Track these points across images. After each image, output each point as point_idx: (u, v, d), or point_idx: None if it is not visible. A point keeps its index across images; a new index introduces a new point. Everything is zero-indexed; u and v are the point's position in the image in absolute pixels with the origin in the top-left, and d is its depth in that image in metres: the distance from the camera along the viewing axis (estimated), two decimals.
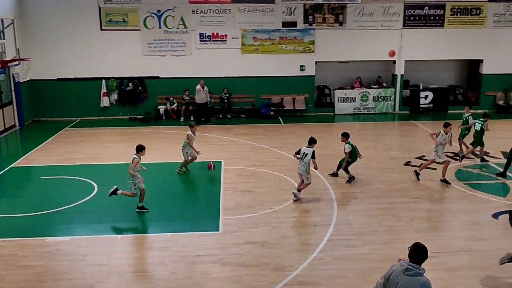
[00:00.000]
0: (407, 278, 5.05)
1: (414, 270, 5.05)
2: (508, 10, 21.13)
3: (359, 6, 20.68)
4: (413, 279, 5.02)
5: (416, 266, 5.08)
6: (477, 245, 9.11)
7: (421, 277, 5.04)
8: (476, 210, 10.73)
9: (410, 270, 5.06)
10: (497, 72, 21.54)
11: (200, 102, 19.48)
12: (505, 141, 16.53)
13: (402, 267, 5.15)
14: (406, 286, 5.04)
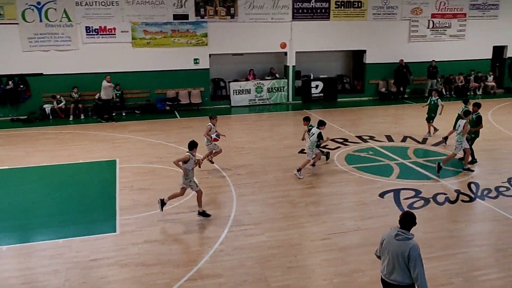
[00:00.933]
0: (397, 243, 5.62)
1: (403, 235, 5.62)
2: (386, 4, 22.71)
3: None
4: (403, 243, 5.58)
5: (405, 232, 5.64)
6: (365, 223, 9.74)
7: (410, 241, 5.59)
8: (364, 191, 11.47)
9: (399, 235, 5.63)
10: (378, 62, 23.12)
11: (107, 99, 18.67)
12: (387, 126, 17.89)
13: (392, 233, 5.72)
14: (397, 249, 5.60)
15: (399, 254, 5.58)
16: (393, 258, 5.65)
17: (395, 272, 5.68)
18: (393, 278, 5.72)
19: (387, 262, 5.76)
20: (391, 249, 5.68)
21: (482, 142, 15.54)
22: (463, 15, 23.96)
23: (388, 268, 5.75)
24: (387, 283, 5.83)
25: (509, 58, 25.26)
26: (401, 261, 5.57)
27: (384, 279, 5.87)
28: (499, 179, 12.21)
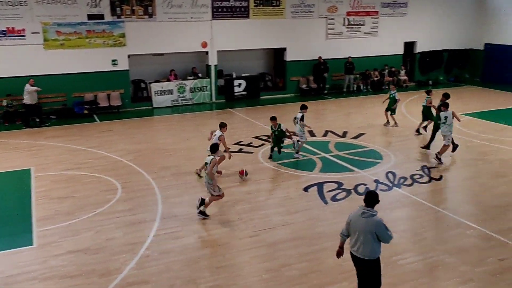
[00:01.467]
0: (364, 220, 6.25)
1: (368, 213, 6.26)
2: (303, 2, 23.26)
3: None
4: (369, 220, 6.23)
5: (370, 209, 6.28)
6: (292, 218, 9.92)
7: (375, 217, 6.24)
8: (289, 186, 11.68)
9: (365, 213, 6.27)
10: (298, 59, 23.65)
11: (31, 103, 17.55)
12: (308, 121, 18.31)
13: (358, 212, 6.35)
14: (364, 226, 6.23)
15: (367, 231, 6.22)
16: (362, 235, 6.26)
17: (365, 248, 6.29)
18: (363, 253, 6.33)
19: (355, 239, 6.37)
20: (359, 228, 6.29)
21: (398, 132, 16.42)
22: (376, 13, 25.11)
23: (358, 244, 6.34)
24: (358, 258, 6.41)
25: (419, 53, 26.82)
26: (370, 237, 6.22)
27: (355, 254, 6.44)
28: (413, 167, 12.94)
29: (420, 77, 26.88)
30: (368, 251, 6.28)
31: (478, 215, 10.00)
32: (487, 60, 27.09)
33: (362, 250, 6.30)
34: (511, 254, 8.37)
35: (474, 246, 8.68)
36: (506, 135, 15.97)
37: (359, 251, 6.33)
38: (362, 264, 6.40)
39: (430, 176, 12.29)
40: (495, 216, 9.92)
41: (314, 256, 8.40)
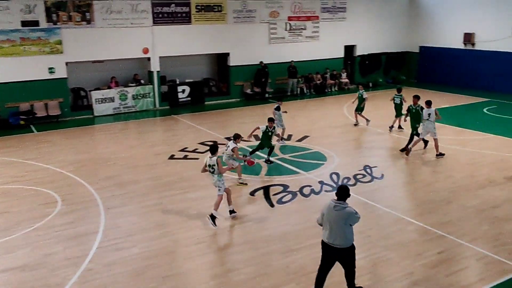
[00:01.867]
0: (336, 213, 6.69)
1: (340, 206, 6.71)
2: (245, 8, 23.40)
3: (106, 3, 20.13)
4: (341, 212, 6.68)
5: (341, 203, 6.73)
6: (238, 222, 9.89)
7: (347, 209, 6.71)
8: (236, 191, 11.64)
9: (337, 206, 6.71)
10: (242, 64, 23.74)
11: None
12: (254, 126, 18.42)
13: (331, 205, 6.76)
14: (337, 218, 6.67)
15: (340, 222, 6.68)
16: (335, 227, 6.70)
17: (338, 238, 6.74)
18: (337, 243, 6.76)
19: (329, 231, 6.79)
20: (332, 219, 6.73)
21: (341, 134, 16.80)
22: (316, 18, 25.65)
23: (331, 235, 6.78)
24: (331, 247, 6.82)
25: (359, 56, 27.64)
26: (343, 226, 6.69)
27: (328, 244, 6.85)
28: (356, 167, 13.27)
29: (361, 80, 27.63)
30: (344, 240, 6.74)
31: (416, 211, 10.39)
32: (422, 62, 28.34)
33: (338, 240, 6.74)
34: (448, 247, 8.74)
35: (413, 241, 9.00)
36: (441, 133, 16.63)
37: (336, 242, 6.75)
38: (338, 252, 6.83)
39: (372, 175, 12.65)
40: (432, 210, 10.35)
41: (262, 259, 8.41)
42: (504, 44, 23.39)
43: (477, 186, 11.69)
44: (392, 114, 17.10)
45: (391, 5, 27.89)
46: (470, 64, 25.42)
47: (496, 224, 9.64)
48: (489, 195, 11.12)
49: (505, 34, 22.15)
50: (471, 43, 25.48)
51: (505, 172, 12.60)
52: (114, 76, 21.21)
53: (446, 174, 12.60)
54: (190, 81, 22.85)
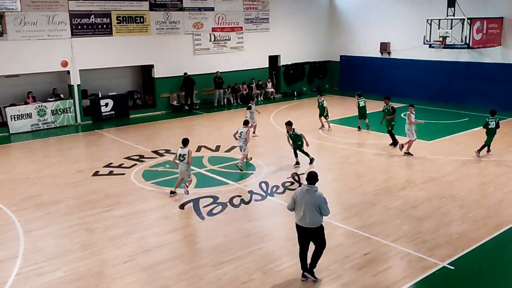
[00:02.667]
0: (308, 195, 7.62)
1: (311, 189, 7.65)
2: (168, 19, 23.17)
3: (19, 14, 19.12)
4: (313, 195, 7.61)
5: (312, 187, 7.67)
6: (168, 238, 9.69)
7: (317, 192, 7.64)
8: (164, 205, 11.43)
9: (309, 190, 7.64)
10: (167, 75, 23.45)
11: None
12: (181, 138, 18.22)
13: (303, 189, 7.70)
14: (309, 201, 7.58)
15: (311, 204, 7.55)
16: (307, 208, 7.57)
17: (310, 219, 7.60)
18: (308, 223, 7.65)
19: (303, 213, 7.64)
20: (304, 201, 7.59)
21: (268, 143, 17.02)
22: (240, 29, 25.93)
23: (304, 217, 7.64)
24: (304, 228, 7.74)
25: (283, 66, 28.25)
26: (313, 208, 7.57)
27: (301, 225, 7.76)
28: (284, 175, 13.49)
29: (286, 89, 28.30)
30: (315, 220, 7.63)
31: (343, 214, 10.71)
32: (343, 71, 29.50)
33: (309, 221, 7.62)
34: (374, 247, 9.08)
35: (341, 244, 9.26)
36: (364, 139, 17.44)
37: (307, 222, 7.64)
38: (310, 232, 7.74)
39: (300, 182, 12.90)
40: (357, 213, 10.73)
41: (193, 273, 8.28)
42: (417, 53, 24.87)
43: (398, 188, 12.27)
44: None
45: (312, 16, 28.81)
46: (387, 72, 26.79)
47: (416, 223, 10.16)
48: (409, 196, 11.71)
49: (417, 43, 23.55)
50: (387, 52, 26.89)
51: (422, 173, 13.34)
52: (31, 91, 20.13)
53: (369, 177, 13.13)
54: (114, 94, 22.21)
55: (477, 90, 23.12)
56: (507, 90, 22.33)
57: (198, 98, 24.38)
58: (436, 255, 8.73)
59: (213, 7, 24.61)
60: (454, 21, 21.16)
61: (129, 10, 21.91)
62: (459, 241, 9.29)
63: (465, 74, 23.73)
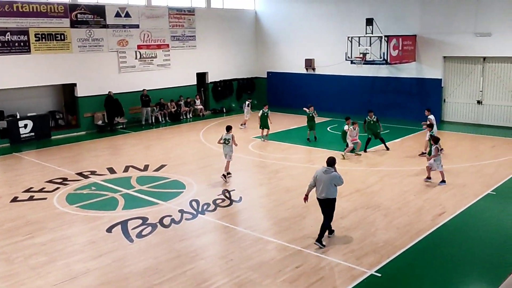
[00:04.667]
0: (326, 176, 9.65)
1: (329, 170, 9.69)
2: (91, 36, 22.51)
3: None
4: (330, 175, 9.64)
5: (329, 168, 9.72)
6: (95, 263, 9.27)
7: (333, 173, 9.70)
8: (90, 229, 10.95)
9: (327, 171, 9.68)
10: (91, 94, 22.69)
11: None
12: (108, 158, 17.68)
13: (322, 170, 9.72)
14: (327, 180, 9.64)
15: (328, 181, 9.62)
16: (325, 184, 9.63)
17: (327, 192, 9.68)
18: (325, 195, 9.69)
19: (321, 188, 9.68)
20: (323, 180, 9.66)
21: (198, 160, 16.88)
22: (167, 46, 25.71)
23: (322, 191, 9.69)
24: (323, 200, 9.77)
25: (211, 83, 28.30)
26: (330, 185, 9.64)
27: (320, 198, 9.79)
28: (215, 192, 13.42)
29: (215, 105, 28.32)
30: (329, 193, 9.69)
31: (274, 229, 10.82)
32: (270, 87, 30.06)
33: (325, 194, 9.66)
34: (305, 260, 9.22)
35: (273, 259, 9.32)
36: (291, 153, 17.78)
37: (323, 195, 9.68)
38: (326, 202, 9.76)
39: (231, 199, 12.89)
40: (288, 227, 10.87)
41: None
42: (339, 69, 25.90)
43: None
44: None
45: (238, 34, 29.20)
46: (313, 87, 27.63)
47: (345, 233, 10.46)
48: (337, 207, 11.96)
49: (340, 59, 24.52)
50: (312, 68, 27.77)
51: (349, 185, 13.77)
52: None
53: (298, 191, 13.34)
54: (33, 114, 21.10)
55: (396, 103, 24.42)
56: (422, 102, 23.76)
57: (125, 117, 23.77)
58: (364, 264, 9.02)
59: (138, 24, 24.25)
60: (372, 38, 22.31)
61: (48, 27, 21.05)
62: (384, 248, 9.67)
63: (384, 88, 25.01)
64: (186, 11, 26.45)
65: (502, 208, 12.04)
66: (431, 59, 23.40)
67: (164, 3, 25.57)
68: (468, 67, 22.70)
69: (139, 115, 24.41)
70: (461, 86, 23.03)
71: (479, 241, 10.15)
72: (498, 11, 21.02)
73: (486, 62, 22.09)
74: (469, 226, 10.98)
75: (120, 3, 23.66)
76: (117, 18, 23.41)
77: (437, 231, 10.57)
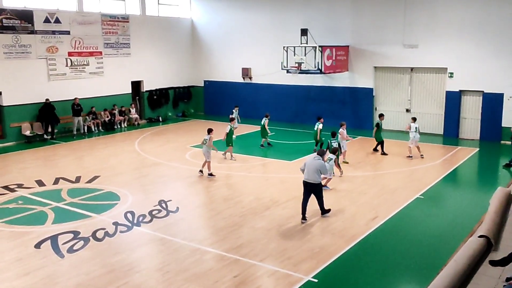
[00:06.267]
0: (314, 162, 11.43)
1: (318, 157, 11.58)
2: (17, 42, 21.43)
3: None
4: (317, 161, 11.45)
5: (318, 157, 11.56)
6: (24, 281, 8.77)
7: (319, 160, 11.53)
8: (17, 246, 10.34)
9: (316, 157, 11.56)
10: (19, 103, 21.57)
11: None
12: (37, 170, 16.84)
13: (312, 157, 11.63)
14: (314, 164, 11.38)
15: (315, 167, 11.38)
16: (311, 170, 11.37)
17: (312, 176, 11.39)
18: (311, 179, 11.41)
19: (307, 171, 11.42)
20: (311, 164, 11.41)
21: (133, 171, 16.45)
22: (100, 53, 24.95)
23: (308, 175, 11.41)
24: (307, 183, 11.49)
25: (147, 91, 27.75)
26: (316, 170, 11.37)
27: (305, 180, 11.50)
28: (151, 203, 13.11)
29: (151, 114, 27.79)
30: (314, 178, 11.42)
31: (211, 239, 10.72)
32: (207, 95, 29.95)
33: (311, 178, 11.39)
34: (243, 269, 9.19)
35: (211, 269, 9.22)
36: (229, 162, 17.74)
37: (309, 179, 11.41)
38: (311, 186, 11.47)
39: (168, 209, 12.65)
40: (226, 236, 10.80)
41: None
42: (276, 78, 26.26)
43: (263, 208, 12.66)
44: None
45: (174, 42, 28.89)
46: (250, 96, 27.80)
47: (282, 241, 10.54)
48: (274, 215, 12.14)
49: (276, 68, 24.87)
50: (248, 77, 27.96)
51: (286, 192, 13.95)
52: None
53: (235, 200, 13.35)
54: None
55: (330, 112, 25.04)
56: (355, 111, 24.60)
57: (57, 127, 22.74)
58: (301, 270, 9.12)
59: (68, 30, 23.36)
60: (307, 48, 22.81)
61: None
62: (320, 254, 9.84)
63: (319, 97, 25.63)
64: (120, 18, 25.84)
65: (430, 211, 12.65)
66: (363, 69, 24.29)
67: (96, 9, 24.84)
68: (397, 77, 23.76)
69: (70, 125, 23.45)
70: (391, 95, 24.05)
71: (409, 243, 10.59)
72: (424, 24, 22.20)
73: (413, 72, 23.23)
74: (400, 229, 11.43)
75: (49, 9, 22.73)
76: (46, 23, 22.44)
77: (371, 235, 10.91)
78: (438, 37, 21.90)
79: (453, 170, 16.64)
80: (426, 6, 22.04)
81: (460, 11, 21.27)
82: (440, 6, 21.72)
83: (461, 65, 21.57)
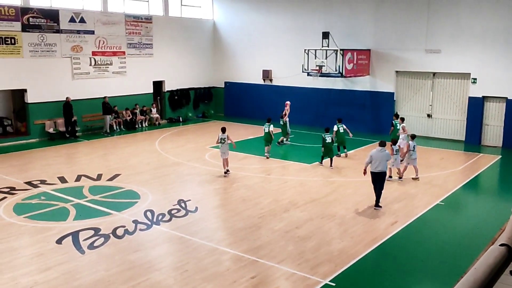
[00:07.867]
0: (381, 154, 12.60)
1: (382, 149, 12.63)
2: (43, 41, 21.86)
3: None
4: (383, 153, 12.61)
5: (382, 148, 12.62)
6: (43, 276, 8.93)
7: (386, 151, 12.67)
8: (39, 241, 10.54)
9: (381, 150, 12.63)
10: (43, 101, 22.00)
11: None
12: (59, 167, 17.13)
13: (377, 149, 12.64)
14: (381, 156, 12.56)
15: (383, 159, 12.55)
16: (379, 161, 12.49)
17: (381, 167, 12.53)
18: (380, 169, 12.55)
19: (377, 164, 12.50)
20: (379, 156, 12.52)
21: (154, 170, 16.62)
22: (123, 53, 25.29)
23: (378, 166, 12.50)
24: (377, 173, 12.63)
25: (168, 91, 28.02)
26: (384, 161, 12.58)
27: (376, 172, 12.60)
28: (170, 202, 13.23)
29: (171, 114, 28.05)
30: (384, 168, 12.65)
31: (230, 239, 10.77)
32: (227, 97, 30.08)
33: (381, 168, 12.55)
34: (260, 270, 9.22)
35: (228, 269, 9.27)
36: (248, 163, 17.81)
37: (378, 169, 12.53)
38: (380, 175, 12.65)
39: (187, 209, 12.75)
40: (244, 237, 10.84)
41: None
42: (296, 80, 26.25)
43: (282, 210, 12.67)
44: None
45: (196, 43, 29.12)
46: (270, 98, 27.82)
47: (300, 243, 10.54)
48: (292, 217, 12.14)
49: (296, 71, 24.88)
50: (269, 79, 28.01)
51: (304, 195, 13.94)
52: None
53: (254, 201, 13.39)
54: None
55: (350, 116, 24.88)
56: (375, 115, 24.43)
57: (79, 125, 23.13)
58: (319, 273, 9.11)
59: (93, 30, 23.76)
60: (328, 51, 22.76)
61: None
62: (339, 257, 9.81)
63: (339, 100, 25.52)
64: (144, 18, 26.16)
65: (450, 218, 12.50)
66: (384, 73, 24.13)
67: (120, 10, 25.20)
68: (419, 82, 23.54)
69: (92, 123, 23.80)
70: (412, 100, 23.83)
71: (429, 249, 10.48)
72: (447, 30, 21.95)
73: (435, 77, 22.98)
74: (420, 235, 11.32)
75: (74, 8, 23.14)
76: (71, 23, 22.86)
77: (390, 240, 10.83)
78: (461, 43, 21.64)
79: (474, 177, 16.41)
80: (450, 12, 21.78)
81: (484, 18, 20.97)
82: (464, 12, 21.45)
83: (484, 71, 21.27)
